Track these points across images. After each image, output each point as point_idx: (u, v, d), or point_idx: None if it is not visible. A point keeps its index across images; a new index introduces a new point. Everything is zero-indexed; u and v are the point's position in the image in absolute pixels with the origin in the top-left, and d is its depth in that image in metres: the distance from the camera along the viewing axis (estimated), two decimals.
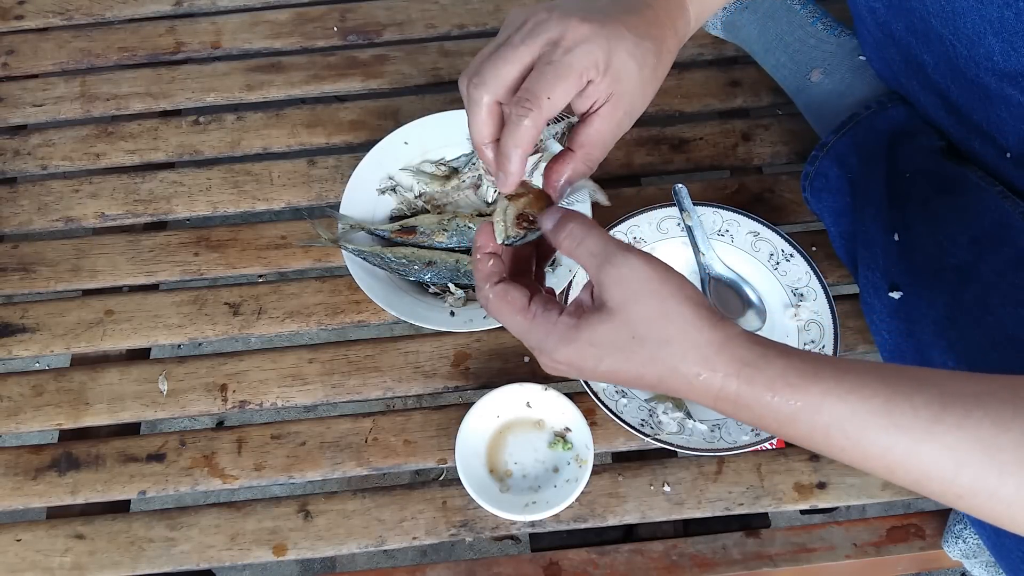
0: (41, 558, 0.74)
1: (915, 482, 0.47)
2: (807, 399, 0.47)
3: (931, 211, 0.71)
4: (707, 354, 0.49)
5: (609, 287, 0.51)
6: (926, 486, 0.47)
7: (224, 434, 0.79)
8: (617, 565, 0.73)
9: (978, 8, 0.64)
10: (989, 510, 0.45)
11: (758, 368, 0.49)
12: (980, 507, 0.46)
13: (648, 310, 0.50)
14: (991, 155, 0.72)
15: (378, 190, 0.85)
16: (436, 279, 0.81)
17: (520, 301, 0.53)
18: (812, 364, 0.49)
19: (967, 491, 0.45)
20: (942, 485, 0.46)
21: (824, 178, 0.81)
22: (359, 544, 0.74)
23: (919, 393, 0.46)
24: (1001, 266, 0.65)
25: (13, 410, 0.80)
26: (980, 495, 0.45)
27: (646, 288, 0.50)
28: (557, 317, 0.52)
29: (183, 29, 1.02)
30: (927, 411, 0.46)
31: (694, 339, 0.49)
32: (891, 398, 0.46)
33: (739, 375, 0.49)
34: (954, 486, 0.45)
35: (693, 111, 0.94)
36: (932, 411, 0.45)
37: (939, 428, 0.45)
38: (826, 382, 0.47)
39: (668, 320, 0.50)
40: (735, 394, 0.49)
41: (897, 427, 0.46)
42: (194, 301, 0.84)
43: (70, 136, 0.95)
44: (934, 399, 0.46)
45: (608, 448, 0.76)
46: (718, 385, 0.49)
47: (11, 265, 0.87)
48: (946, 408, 0.45)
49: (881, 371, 0.48)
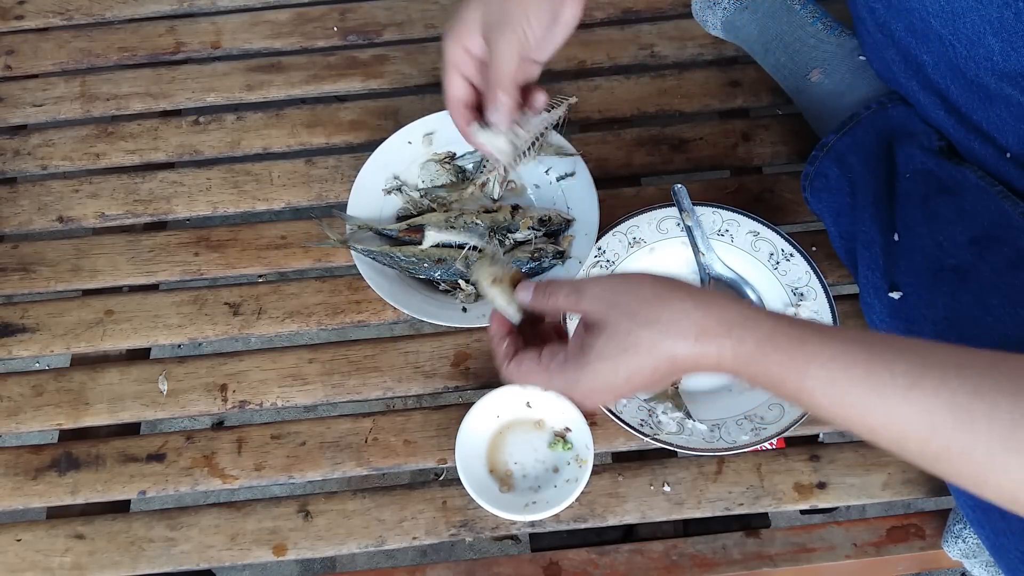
0: (41, 558, 0.74)
1: (896, 443, 0.48)
2: (793, 364, 0.50)
3: (931, 211, 0.71)
4: (696, 318, 0.52)
5: (592, 310, 0.56)
6: (905, 447, 0.48)
7: (224, 434, 0.79)
8: (617, 565, 0.73)
9: (978, 8, 0.64)
10: (966, 472, 0.47)
11: (747, 328, 0.51)
12: (957, 470, 0.47)
13: (631, 306, 0.54)
14: (991, 155, 0.72)
15: (384, 190, 0.86)
16: (446, 276, 0.81)
17: (532, 363, 0.58)
18: (798, 329, 0.51)
19: (943, 452, 0.46)
20: (919, 446, 0.47)
21: (824, 178, 0.81)
22: (359, 544, 0.74)
23: (899, 361, 0.48)
24: (1001, 266, 0.65)
25: (13, 410, 0.80)
26: (955, 457, 0.46)
27: (620, 290, 0.55)
28: (565, 358, 0.56)
29: (183, 29, 1.02)
30: (905, 379, 0.47)
31: (679, 308, 0.53)
32: (871, 366, 0.48)
33: (729, 335, 0.51)
34: (931, 446, 0.47)
35: (693, 111, 0.94)
36: (910, 378, 0.47)
37: (916, 393, 0.47)
38: (811, 347, 0.50)
39: (650, 304, 0.53)
40: (732, 355, 0.51)
41: (876, 393, 0.48)
42: (194, 301, 0.84)
43: (70, 136, 0.95)
44: (914, 367, 0.47)
45: (608, 448, 0.76)
46: (715, 348, 0.52)
47: (11, 265, 0.87)
48: (924, 375, 0.47)
49: (865, 339, 0.50)
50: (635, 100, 0.94)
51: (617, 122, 0.93)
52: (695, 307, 0.52)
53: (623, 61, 0.97)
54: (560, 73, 0.97)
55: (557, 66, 0.97)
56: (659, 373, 0.53)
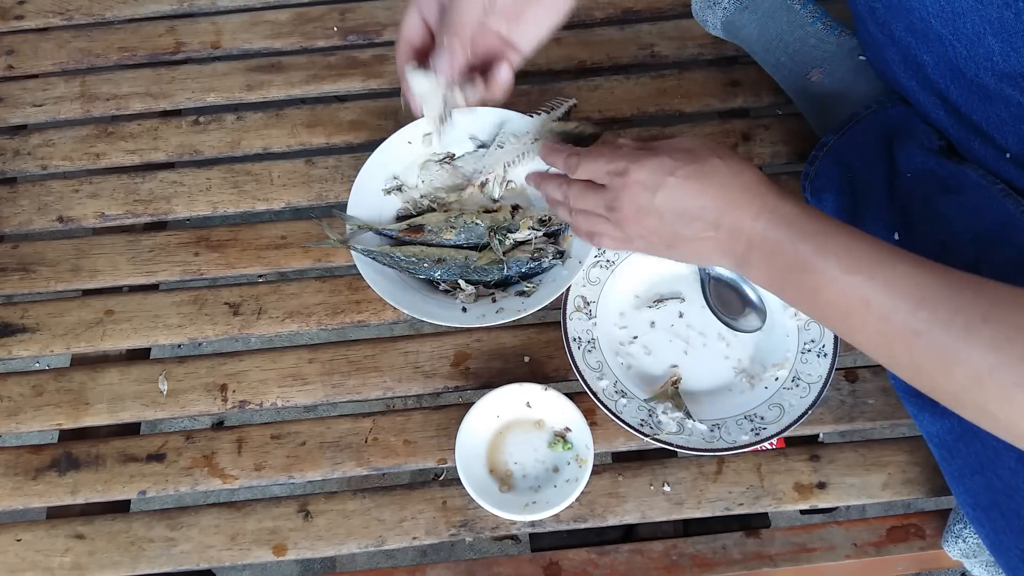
0: (41, 558, 0.74)
1: (883, 317, 0.54)
2: (807, 251, 0.58)
3: (932, 210, 0.71)
4: (747, 181, 0.61)
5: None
6: (891, 319, 0.54)
7: (224, 434, 0.79)
8: (617, 565, 0.73)
9: (978, 8, 0.64)
10: (937, 353, 0.52)
11: (782, 200, 0.60)
12: (928, 347, 0.52)
13: (695, 143, 0.64)
14: (990, 155, 0.72)
15: (384, 190, 0.85)
16: (446, 276, 0.81)
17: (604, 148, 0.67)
18: (819, 222, 0.59)
19: (924, 327, 0.52)
20: (905, 316, 0.53)
21: (824, 178, 0.81)
22: (359, 544, 0.74)
23: (902, 262, 0.55)
24: (1003, 265, 0.65)
25: (13, 410, 0.80)
26: (933, 330, 0.52)
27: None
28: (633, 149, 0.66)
29: (183, 29, 1.02)
30: (909, 280, 0.54)
31: (735, 168, 0.62)
32: (879, 258, 0.55)
33: (764, 206, 0.60)
34: (913, 320, 0.53)
35: (693, 111, 0.94)
36: (908, 268, 0.55)
37: (900, 267, 0.55)
38: (820, 238, 0.58)
39: (713, 150, 0.63)
40: (762, 231, 0.60)
41: (872, 279, 0.55)
42: (194, 301, 0.84)
43: (70, 136, 0.95)
44: (916, 264, 0.55)
45: (608, 448, 0.76)
46: (754, 214, 0.60)
47: (11, 265, 0.87)
48: (918, 265, 0.55)
49: (877, 246, 0.56)
50: (635, 100, 0.94)
51: (617, 122, 0.93)
52: (748, 171, 0.62)
53: (623, 61, 0.97)
54: (560, 73, 0.97)
55: (557, 66, 0.97)
56: (703, 199, 0.61)
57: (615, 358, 0.78)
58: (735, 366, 0.78)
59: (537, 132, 0.84)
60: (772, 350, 0.78)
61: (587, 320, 0.79)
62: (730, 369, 0.78)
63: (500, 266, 0.80)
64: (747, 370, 0.78)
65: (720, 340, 0.79)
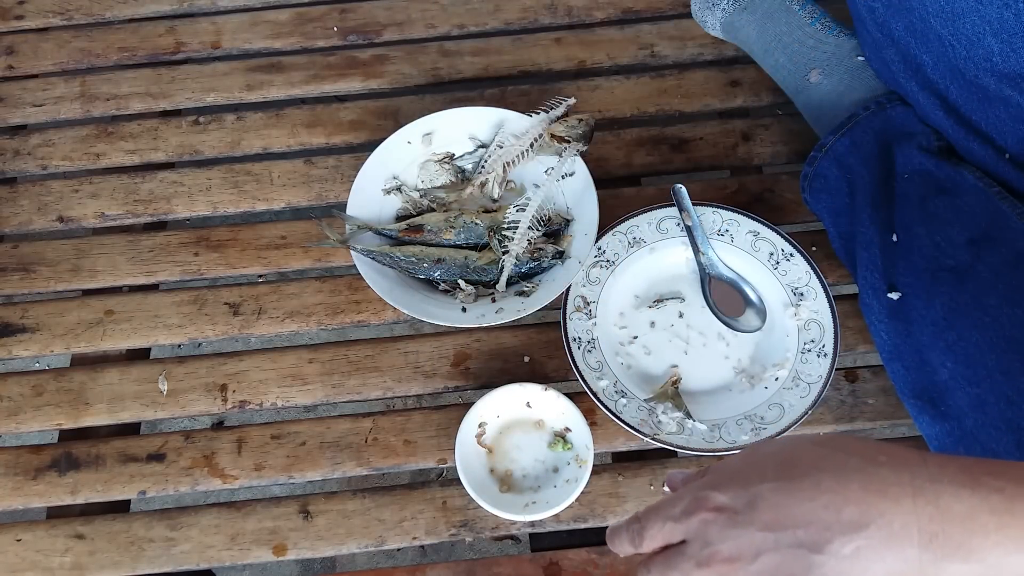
0: (41, 558, 0.74)
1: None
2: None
3: (929, 212, 0.71)
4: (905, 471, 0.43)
5: None
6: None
7: (224, 434, 0.79)
8: (617, 565, 0.73)
9: (978, 9, 0.64)
10: None
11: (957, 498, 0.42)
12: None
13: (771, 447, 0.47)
14: (990, 156, 0.72)
15: (383, 190, 0.86)
16: (446, 276, 0.81)
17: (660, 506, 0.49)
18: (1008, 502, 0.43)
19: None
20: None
21: (823, 179, 0.81)
22: (359, 544, 0.74)
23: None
24: (999, 267, 0.66)
25: (13, 410, 0.80)
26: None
27: None
28: None
29: (183, 29, 1.02)
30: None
31: (871, 455, 0.44)
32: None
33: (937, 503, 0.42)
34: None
35: (693, 111, 0.94)
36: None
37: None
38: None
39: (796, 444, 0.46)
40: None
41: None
42: (194, 301, 0.84)
43: (70, 136, 0.95)
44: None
45: (608, 448, 0.76)
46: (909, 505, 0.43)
47: (11, 265, 0.87)
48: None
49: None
50: (635, 100, 0.94)
51: (617, 122, 0.93)
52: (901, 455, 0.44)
53: (623, 61, 0.97)
54: (560, 73, 0.97)
55: (557, 66, 0.97)
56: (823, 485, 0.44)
57: (615, 358, 0.78)
58: (735, 366, 0.78)
59: (537, 132, 0.84)
60: (772, 350, 0.78)
61: (587, 320, 0.79)
62: (730, 369, 0.78)
63: (500, 266, 0.80)
64: (747, 370, 0.78)
65: (720, 340, 0.79)
